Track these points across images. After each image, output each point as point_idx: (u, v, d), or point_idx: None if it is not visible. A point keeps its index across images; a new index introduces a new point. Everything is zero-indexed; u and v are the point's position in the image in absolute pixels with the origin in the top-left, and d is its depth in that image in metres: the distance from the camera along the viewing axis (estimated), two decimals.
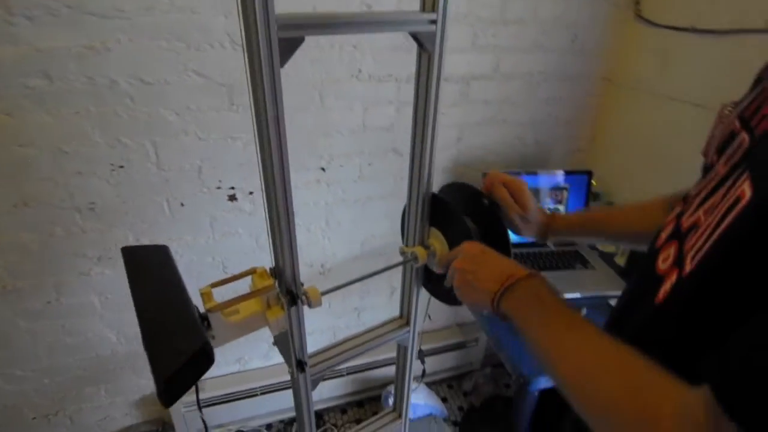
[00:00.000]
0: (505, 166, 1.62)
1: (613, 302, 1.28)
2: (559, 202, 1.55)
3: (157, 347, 0.48)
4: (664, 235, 0.49)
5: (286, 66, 0.50)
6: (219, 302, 0.58)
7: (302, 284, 0.64)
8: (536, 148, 1.66)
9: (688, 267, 0.39)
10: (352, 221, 1.51)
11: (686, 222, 0.44)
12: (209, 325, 0.56)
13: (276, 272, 0.63)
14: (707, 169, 0.50)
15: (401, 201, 1.56)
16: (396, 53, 1.29)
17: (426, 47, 0.61)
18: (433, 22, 0.59)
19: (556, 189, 1.54)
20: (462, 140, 1.53)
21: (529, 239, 0.80)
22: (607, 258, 1.51)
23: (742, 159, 0.40)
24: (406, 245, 0.83)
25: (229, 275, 0.66)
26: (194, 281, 1.40)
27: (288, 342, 0.67)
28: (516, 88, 1.50)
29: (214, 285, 0.61)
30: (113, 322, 1.38)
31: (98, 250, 1.27)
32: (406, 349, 0.94)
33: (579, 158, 1.76)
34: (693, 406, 0.31)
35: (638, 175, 1.58)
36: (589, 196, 1.59)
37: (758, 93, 0.45)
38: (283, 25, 0.49)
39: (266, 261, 1.46)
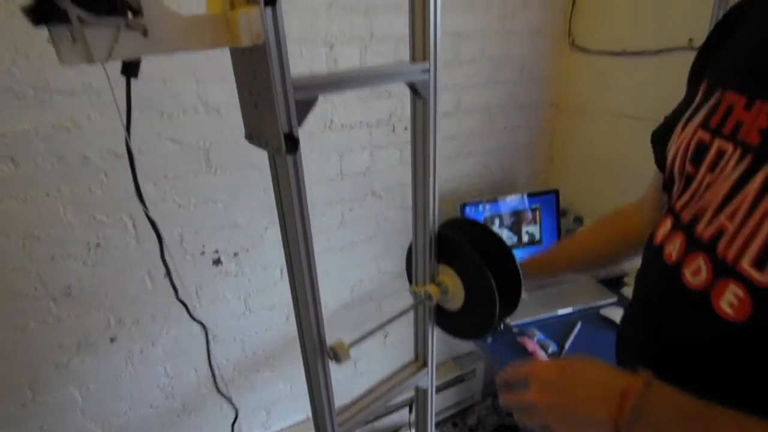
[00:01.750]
0: (478, 195, 1.68)
1: (603, 312, 1.33)
2: (534, 222, 1.62)
3: None
4: (673, 251, 0.48)
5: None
6: None
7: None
8: (502, 174, 1.75)
9: (759, 277, 0.38)
10: (339, 269, 1.50)
11: (706, 232, 0.44)
12: (136, 9, 0.34)
13: None
14: (688, 178, 0.49)
15: (385, 243, 1.59)
16: (364, 101, 1.35)
17: (422, 95, 0.64)
18: (426, 71, 0.63)
19: (528, 211, 1.61)
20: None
21: None
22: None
23: (754, 162, 0.40)
24: (416, 285, 0.84)
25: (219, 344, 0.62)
26: (183, 358, 1.33)
27: (266, 92, 0.47)
28: (477, 121, 1.59)
29: None
30: (97, 414, 1.27)
31: (76, 338, 1.18)
32: (425, 391, 0.93)
33: (542, 179, 1.86)
34: None
35: (597, 187, 1.69)
36: (559, 213, 1.67)
37: (714, 104, 0.47)
38: (298, 87, 0.51)
39: (257, 326, 1.41)
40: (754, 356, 0.40)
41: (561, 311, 1.35)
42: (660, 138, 0.62)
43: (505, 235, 1.60)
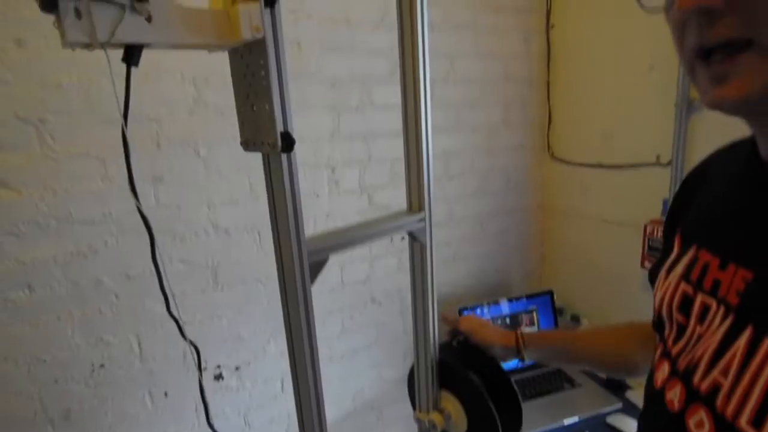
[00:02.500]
0: (475, 297, 1.72)
1: (610, 420, 1.31)
2: (532, 323, 1.65)
3: None
4: (675, 399, 0.50)
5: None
6: None
7: None
8: (497, 275, 1.81)
9: None
10: (340, 378, 1.49)
11: (702, 384, 0.47)
12: None
13: None
14: (680, 326, 0.53)
15: (385, 349, 1.60)
16: (362, 215, 1.44)
17: (419, 240, 0.72)
18: (422, 220, 0.71)
19: (524, 313, 1.65)
20: None
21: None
22: (589, 371, 1.58)
23: (738, 322, 0.44)
24: (419, 412, 0.85)
25: None
26: None
27: (264, 92, 0.48)
28: (469, 228, 1.68)
29: None
30: None
31: None
32: None
33: (535, 278, 1.92)
34: None
35: (589, 286, 1.74)
36: (555, 312, 1.70)
37: (692, 259, 0.53)
38: (312, 251, 0.58)
39: None
40: None
41: (567, 421, 1.33)
42: (654, 276, 0.66)
43: None
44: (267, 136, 0.50)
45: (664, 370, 0.55)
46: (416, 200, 0.72)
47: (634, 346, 0.81)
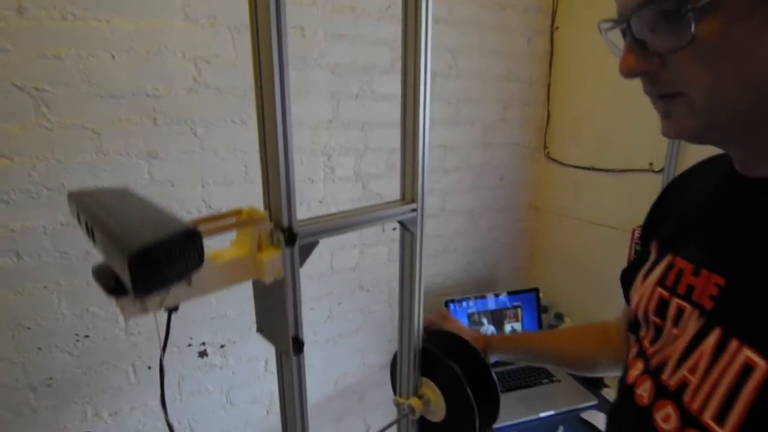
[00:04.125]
0: (462, 292, 1.74)
1: (584, 415, 1.35)
2: (516, 319, 1.68)
3: (124, 230, 0.36)
4: (644, 394, 0.53)
5: None
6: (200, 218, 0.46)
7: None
8: (485, 270, 1.83)
9: (719, 431, 0.43)
10: (323, 362, 1.51)
11: (671, 381, 0.49)
12: None
13: (268, 208, 0.52)
14: (658, 328, 0.55)
15: (371, 335, 1.62)
16: (355, 203, 1.45)
17: (410, 230, 0.73)
18: (414, 210, 0.72)
19: (510, 308, 1.67)
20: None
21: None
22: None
23: (708, 323, 0.47)
24: (399, 396, 0.87)
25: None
26: None
27: (280, 306, 0.55)
28: (461, 221, 1.70)
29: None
30: None
31: (50, 431, 1.16)
32: None
33: (522, 275, 1.94)
34: None
35: (575, 285, 1.77)
36: (540, 309, 1.73)
37: (667, 266, 0.55)
38: (302, 235, 0.58)
39: (237, 420, 1.40)
40: None
41: (543, 414, 1.37)
42: (626, 279, 0.68)
43: (490, 331, 1.64)
44: (281, 340, 0.57)
45: (638, 368, 0.57)
46: (409, 191, 0.73)
47: (593, 345, 0.86)
